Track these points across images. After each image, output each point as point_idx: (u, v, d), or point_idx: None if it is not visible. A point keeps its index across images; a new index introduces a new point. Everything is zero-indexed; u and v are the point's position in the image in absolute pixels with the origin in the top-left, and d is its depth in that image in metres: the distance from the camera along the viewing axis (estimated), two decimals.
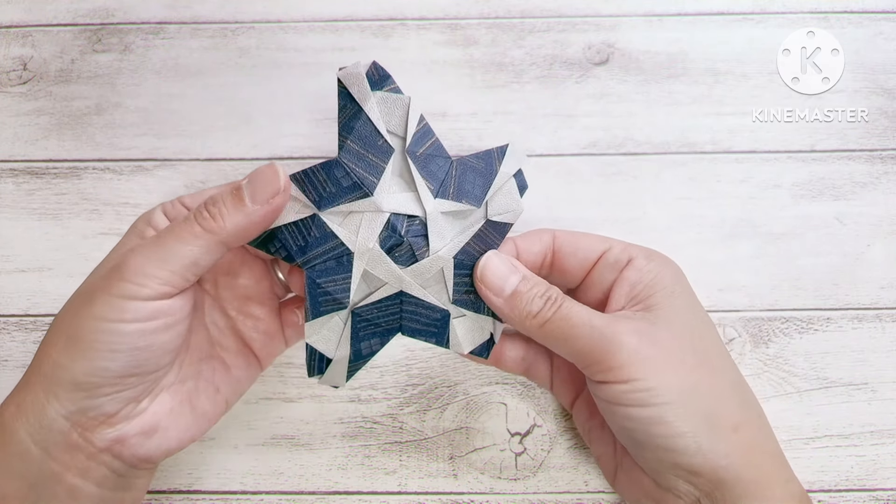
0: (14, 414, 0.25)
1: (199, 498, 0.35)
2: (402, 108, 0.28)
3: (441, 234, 0.28)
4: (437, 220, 0.28)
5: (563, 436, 0.35)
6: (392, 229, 0.27)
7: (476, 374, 0.36)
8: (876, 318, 0.37)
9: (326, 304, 0.28)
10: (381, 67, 0.28)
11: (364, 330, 0.28)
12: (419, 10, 0.41)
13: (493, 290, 0.29)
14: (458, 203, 0.28)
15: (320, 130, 0.39)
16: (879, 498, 0.34)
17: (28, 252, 0.38)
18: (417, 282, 0.28)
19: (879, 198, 0.38)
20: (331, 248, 0.28)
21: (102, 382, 0.25)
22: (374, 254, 0.27)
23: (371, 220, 0.27)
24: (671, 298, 0.29)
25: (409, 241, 0.28)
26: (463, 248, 0.29)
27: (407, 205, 0.28)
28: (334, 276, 0.28)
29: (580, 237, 0.31)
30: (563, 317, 0.28)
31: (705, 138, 0.39)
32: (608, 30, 0.41)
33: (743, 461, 0.26)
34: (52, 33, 0.41)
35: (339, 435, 0.36)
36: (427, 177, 0.28)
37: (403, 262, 0.28)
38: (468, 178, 0.29)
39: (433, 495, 0.35)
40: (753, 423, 0.28)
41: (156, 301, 0.25)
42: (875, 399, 0.35)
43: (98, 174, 0.39)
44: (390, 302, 0.28)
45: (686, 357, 0.27)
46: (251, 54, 0.41)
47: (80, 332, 0.25)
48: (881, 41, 0.40)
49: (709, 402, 0.27)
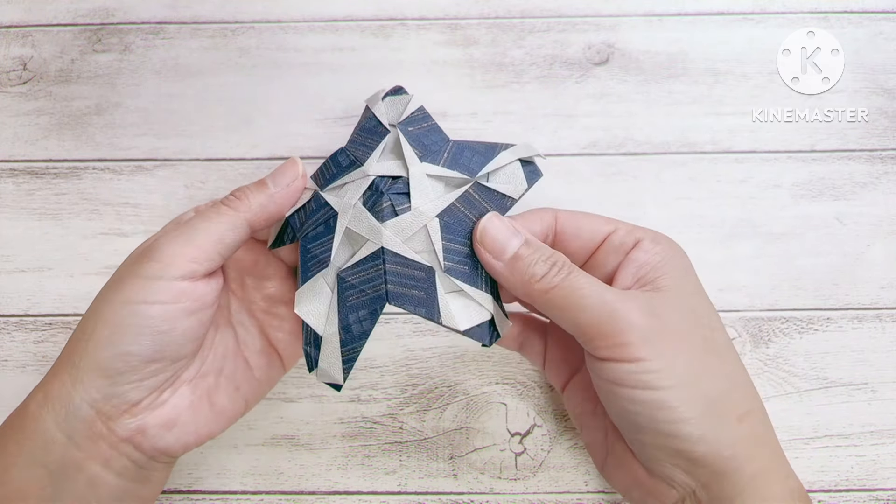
0: (41, 402, 0.26)
1: (199, 498, 0.35)
2: (404, 103, 0.30)
3: (424, 192, 0.28)
4: (422, 179, 0.28)
5: (563, 436, 0.35)
6: (375, 189, 0.28)
7: (476, 374, 0.36)
8: (876, 318, 0.37)
9: (314, 268, 0.28)
10: (400, 87, 0.31)
11: (351, 297, 0.27)
12: (419, 10, 0.41)
13: (494, 252, 0.28)
14: (447, 169, 0.28)
15: (320, 130, 0.39)
16: (879, 498, 0.34)
17: (28, 252, 0.38)
18: (399, 238, 0.27)
19: (879, 198, 0.38)
20: (322, 216, 0.29)
21: (126, 368, 0.26)
22: (356, 210, 0.28)
23: (358, 184, 0.28)
24: (681, 280, 0.28)
25: (390, 196, 0.28)
26: (450, 210, 0.28)
27: (392, 168, 0.28)
28: (322, 240, 0.28)
29: (583, 218, 0.30)
30: (572, 285, 0.26)
31: (705, 138, 0.39)
32: (608, 30, 0.41)
33: (746, 453, 0.25)
34: (52, 33, 0.41)
35: (339, 435, 0.36)
36: (417, 146, 0.29)
37: (385, 217, 0.27)
38: (465, 154, 0.29)
39: (433, 495, 0.35)
40: (757, 416, 0.27)
41: (181, 281, 0.26)
42: (875, 399, 0.35)
43: (98, 174, 0.39)
44: (372, 262, 0.27)
45: (695, 341, 0.26)
46: (251, 54, 0.41)
47: (108, 317, 0.26)
48: (881, 41, 0.40)
49: (716, 389, 0.26)
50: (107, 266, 0.37)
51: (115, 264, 0.38)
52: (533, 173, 0.30)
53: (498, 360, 0.36)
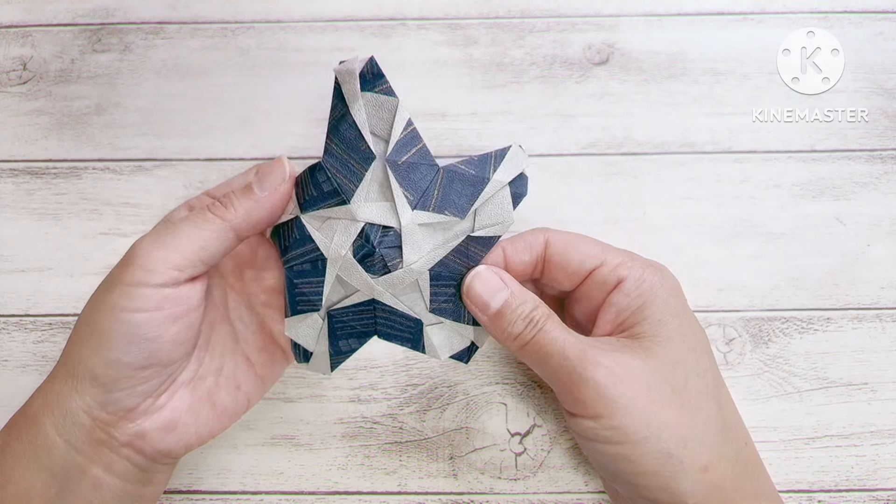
0: (41, 407, 0.26)
1: (198, 498, 0.35)
2: (390, 111, 0.27)
3: (417, 246, 0.27)
4: (413, 232, 0.27)
5: (563, 436, 0.35)
6: (366, 239, 0.27)
7: (476, 374, 0.36)
8: (876, 318, 0.37)
9: (302, 304, 0.29)
10: (376, 65, 0.27)
11: (340, 331, 0.29)
12: (419, 10, 0.41)
13: (479, 307, 0.28)
14: (438, 215, 0.27)
15: (320, 130, 0.39)
16: (879, 498, 0.34)
17: (28, 252, 0.38)
18: (390, 291, 0.28)
19: (879, 198, 0.38)
20: (308, 251, 0.28)
21: (118, 375, 0.25)
22: (346, 261, 0.27)
23: (346, 228, 0.27)
24: (658, 327, 0.28)
25: (382, 252, 0.27)
26: (441, 261, 0.28)
27: (382, 215, 0.27)
28: (310, 279, 0.28)
29: (574, 247, 0.30)
30: (539, 341, 0.27)
31: (705, 138, 0.39)
32: (608, 30, 0.41)
33: (711, 501, 0.26)
34: (52, 33, 0.41)
35: (339, 435, 0.36)
36: (407, 186, 0.27)
37: (376, 271, 0.27)
38: (455, 187, 0.28)
39: (433, 495, 0.35)
40: (727, 462, 0.27)
41: (164, 288, 0.26)
42: (875, 399, 0.35)
43: (98, 174, 0.39)
44: (364, 307, 0.28)
45: (662, 394, 0.27)
46: (251, 54, 0.41)
47: (99, 323, 0.25)
48: (881, 41, 0.40)
49: (677, 441, 0.26)
50: (107, 266, 0.37)
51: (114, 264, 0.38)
52: (519, 192, 0.29)
53: (498, 360, 0.36)
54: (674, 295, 0.29)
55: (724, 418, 0.28)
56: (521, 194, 0.29)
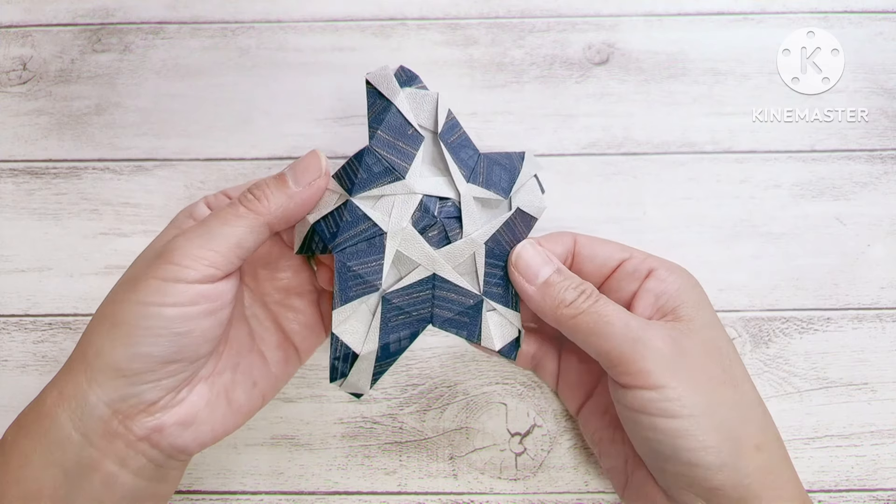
0: (56, 400, 0.25)
1: (199, 498, 0.35)
2: (431, 102, 0.29)
3: (474, 218, 0.28)
4: (470, 203, 0.28)
5: (564, 436, 0.35)
6: (425, 210, 0.27)
7: (476, 374, 0.36)
8: (876, 318, 0.37)
9: (357, 288, 0.27)
10: (408, 69, 0.29)
11: (394, 319, 0.28)
12: (419, 10, 0.41)
13: (527, 277, 0.29)
14: (487, 191, 0.28)
15: (320, 130, 0.39)
16: (879, 498, 0.34)
17: (28, 252, 0.38)
18: (451, 265, 0.28)
19: (879, 198, 0.38)
20: (362, 231, 0.27)
21: (143, 369, 0.25)
22: (407, 233, 0.27)
23: (404, 202, 0.27)
24: (698, 311, 0.28)
25: (443, 221, 0.28)
26: (493, 236, 0.29)
27: (440, 187, 0.28)
28: (365, 259, 0.27)
29: (599, 244, 0.31)
30: (598, 311, 0.27)
31: (705, 138, 0.39)
32: (608, 30, 0.41)
33: (763, 481, 0.26)
34: (52, 33, 0.41)
35: (338, 435, 0.36)
36: (459, 163, 0.28)
37: (436, 243, 0.28)
38: (495, 171, 0.29)
39: (433, 495, 0.35)
40: (774, 445, 0.27)
41: (200, 284, 0.26)
42: (875, 399, 0.35)
43: (98, 174, 0.39)
44: (422, 287, 0.28)
45: (714, 372, 0.27)
46: (251, 54, 0.41)
47: (124, 317, 0.25)
48: (881, 41, 0.40)
49: (734, 418, 0.26)
50: (107, 266, 0.37)
51: (115, 264, 0.38)
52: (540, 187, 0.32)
53: (498, 360, 0.36)
54: (700, 288, 0.30)
55: (762, 404, 0.28)
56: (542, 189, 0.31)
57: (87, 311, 0.37)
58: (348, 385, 0.28)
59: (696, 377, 0.26)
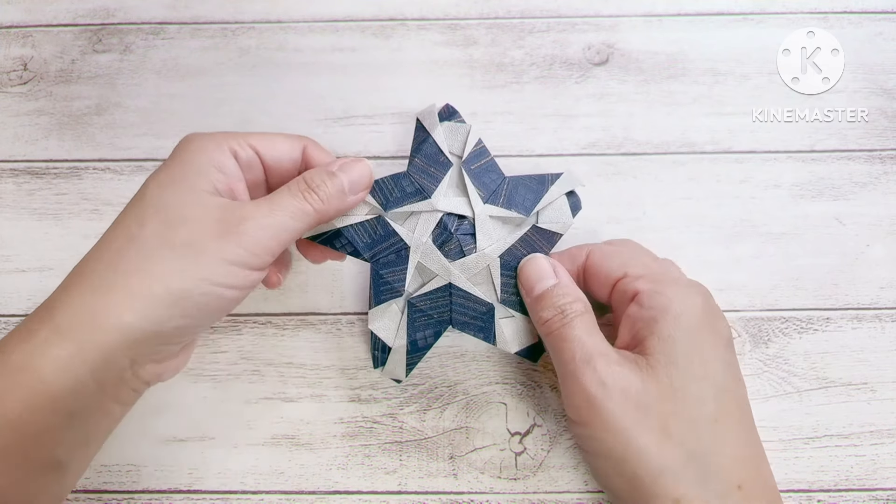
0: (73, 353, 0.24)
1: (199, 498, 0.35)
2: (464, 133, 0.33)
3: (488, 234, 0.31)
4: (485, 221, 0.32)
5: (563, 435, 0.35)
6: (444, 227, 0.31)
7: (476, 373, 0.36)
8: (875, 317, 0.37)
9: (386, 293, 0.32)
10: (451, 106, 0.33)
11: (418, 320, 0.32)
12: (419, 10, 0.41)
13: (525, 288, 0.31)
14: (506, 210, 0.32)
15: (321, 130, 0.39)
16: (879, 498, 0.34)
17: (28, 252, 0.38)
18: (465, 275, 0.31)
19: (879, 198, 0.38)
20: (392, 244, 0.32)
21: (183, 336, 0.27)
22: (426, 247, 0.31)
23: (427, 219, 0.31)
24: (666, 345, 0.27)
25: (458, 238, 0.31)
26: (509, 250, 0.32)
27: (458, 206, 0.32)
28: (394, 268, 0.32)
29: (608, 258, 0.31)
30: (560, 334, 0.28)
31: (705, 138, 0.39)
32: (608, 30, 0.41)
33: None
34: (53, 33, 0.41)
35: (339, 435, 0.36)
36: (479, 186, 0.32)
37: (453, 256, 0.31)
38: (519, 191, 0.32)
39: (433, 495, 0.35)
40: (702, 502, 0.26)
41: (257, 271, 0.27)
42: (874, 399, 0.36)
43: (98, 174, 0.39)
44: (440, 294, 0.32)
45: (650, 419, 0.26)
46: (251, 54, 0.41)
47: (187, 290, 0.25)
48: (881, 41, 0.40)
49: (651, 469, 0.26)
50: None
51: None
52: (575, 205, 0.33)
53: (498, 359, 0.36)
54: (691, 314, 0.28)
55: (714, 455, 0.26)
56: (577, 206, 0.33)
57: None
58: (387, 372, 0.33)
59: (623, 421, 0.26)
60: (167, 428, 0.36)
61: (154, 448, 0.35)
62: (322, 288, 0.37)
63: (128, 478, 0.35)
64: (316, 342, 0.37)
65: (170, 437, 0.36)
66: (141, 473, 0.35)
